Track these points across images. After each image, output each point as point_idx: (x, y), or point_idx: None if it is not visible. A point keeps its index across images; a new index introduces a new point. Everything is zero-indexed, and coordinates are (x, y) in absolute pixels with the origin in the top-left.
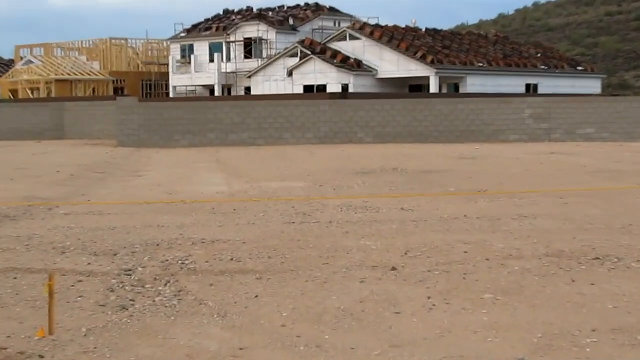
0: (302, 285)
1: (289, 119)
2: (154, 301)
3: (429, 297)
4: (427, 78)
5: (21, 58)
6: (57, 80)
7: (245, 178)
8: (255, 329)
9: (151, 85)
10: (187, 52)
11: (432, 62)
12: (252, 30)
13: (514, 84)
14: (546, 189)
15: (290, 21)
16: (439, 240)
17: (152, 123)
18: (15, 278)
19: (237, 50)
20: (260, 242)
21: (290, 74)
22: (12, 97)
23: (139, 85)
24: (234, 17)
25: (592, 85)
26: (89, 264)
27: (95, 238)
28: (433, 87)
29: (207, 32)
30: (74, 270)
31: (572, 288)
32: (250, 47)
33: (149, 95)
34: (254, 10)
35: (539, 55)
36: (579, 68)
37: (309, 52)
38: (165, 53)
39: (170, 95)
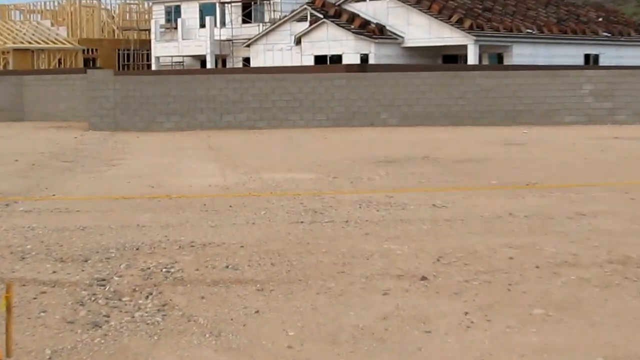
0: (313, 299)
1: (296, 96)
2: (133, 317)
3: (466, 313)
4: (465, 47)
5: None
6: (16, 50)
7: (243, 168)
8: (255, 351)
9: (129, 56)
10: (173, 16)
11: (470, 27)
12: None
13: (570, 54)
14: (609, 181)
15: None
16: (478, 244)
17: (131, 101)
18: None
19: (234, 14)
20: (261, 246)
21: (298, 42)
22: None
23: (115, 55)
24: None
25: None
26: (54, 272)
27: (62, 241)
28: (472, 58)
29: None
30: (36, 280)
31: None
32: (249, 10)
33: (127, 68)
34: None
35: (600, 19)
36: None
37: (320, 16)
38: (146, 17)
39: (153, 67)
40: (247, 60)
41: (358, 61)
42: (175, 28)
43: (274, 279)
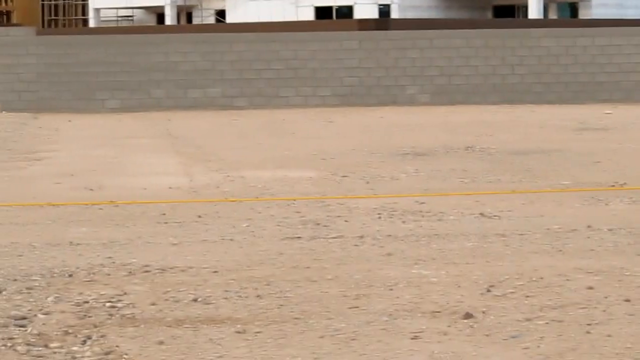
0: (315, 345)
1: (291, 64)
2: None
3: None
4: None
5: None
6: None
7: (216, 164)
8: None
9: (58, 8)
10: None
11: None
12: None
13: None
14: None
15: None
16: (544, 269)
17: (61, 71)
18: None
19: None
20: (243, 272)
21: None
22: None
23: (38, 7)
24: None
25: None
26: None
27: None
28: (534, 10)
29: None
30: None
31: None
32: None
33: (55, 25)
34: None
35: None
36: None
37: None
38: None
39: (91, 24)
40: (221, 14)
41: (376, 14)
42: None
43: (260, 318)
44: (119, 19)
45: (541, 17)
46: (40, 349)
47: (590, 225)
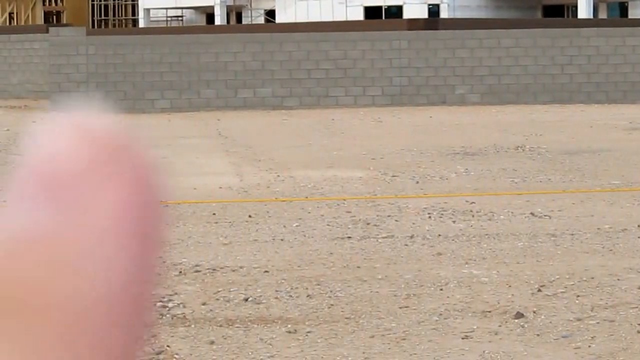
0: (366, 345)
1: (340, 64)
2: None
3: None
4: None
5: None
6: None
7: (266, 163)
8: None
9: (108, 8)
10: None
11: None
12: None
13: None
14: None
15: None
16: (595, 268)
17: (111, 72)
18: None
19: None
20: (293, 272)
21: None
22: None
23: (87, 7)
24: None
25: None
26: None
27: None
28: (584, 10)
29: None
30: None
31: None
32: None
33: (105, 25)
34: None
35: None
36: None
37: None
38: None
39: (141, 24)
40: (271, 14)
41: (425, 14)
42: None
43: (311, 317)
44: (169, 19)
45: (590, 16)
46: None
47: None
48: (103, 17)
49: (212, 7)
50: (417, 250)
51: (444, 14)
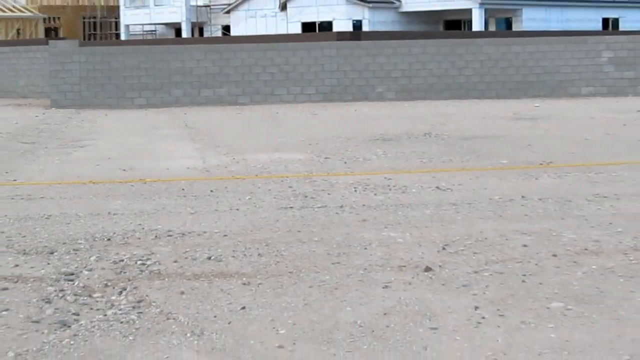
0: (305, 293)
1: (283, 68)
2: (105, 315)
3: (476, 308)
4: (469, 11)
5: None
6: None
7: (224, 149)
8: (242, 352)
9: (96, 25)
10: None
11: None
12: None
13: (587, 18)
14: (633, 159)
15: None
16: (488, 230)
17: (98, 75)
18: None
19: None
20: (247, 235)
21: (283, 7)
22: None
23: (80, 24)
24: None
25: None
26: (16, 265)
27: (25, 231)
28: (477, 24)
29: None
30: None
31: None
32: None
33: (94, 38)
34: None
35: None
36: None
37: None
38: None
39: (122, 37)
40: (226, 29)
41: (350, 28)
42: None
43: (261, 272)
44: (145, 33)
45: (483, 29)
46: (85, 298)
47: (524, 195)
48: (92, 32)
49: (180, 24)
50: (345, 217)
51: (365, 28)
